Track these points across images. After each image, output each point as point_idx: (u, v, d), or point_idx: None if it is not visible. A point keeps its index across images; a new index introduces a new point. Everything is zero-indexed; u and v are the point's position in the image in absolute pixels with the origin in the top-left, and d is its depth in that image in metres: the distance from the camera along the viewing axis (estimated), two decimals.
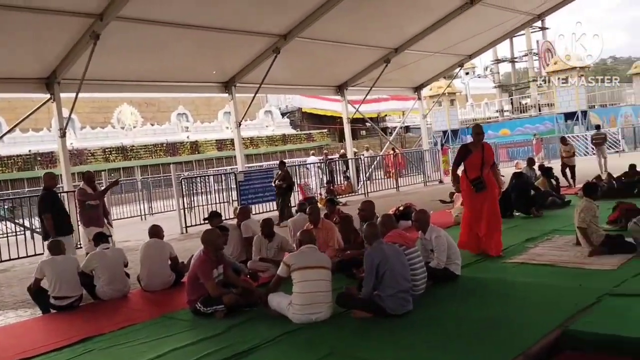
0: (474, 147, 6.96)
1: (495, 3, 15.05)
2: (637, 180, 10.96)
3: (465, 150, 7.05)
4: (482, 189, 6.82)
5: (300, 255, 5.08)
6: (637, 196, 10.16)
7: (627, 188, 10.83)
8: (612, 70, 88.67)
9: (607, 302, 4.72)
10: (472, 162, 6.88)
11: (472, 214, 6.97)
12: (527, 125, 30.51)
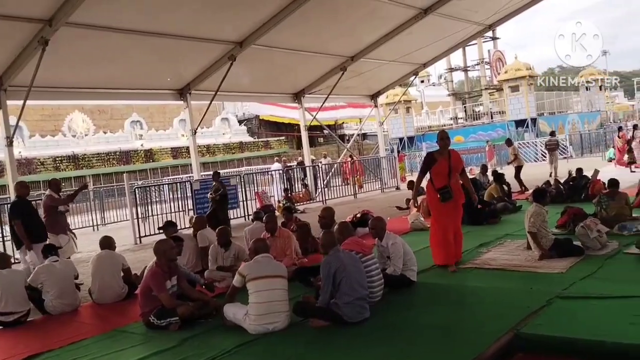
0: (439, 154, 6.68)
1: (448, 13, 15.39)
2: (584, 184, 11.37)
3: (430, 159, 6.76)
4: (449, 199, 6.52)
5: (255, 265, 5.02)
6: (584, 200, 10.54)
7: (575, 193, 11.23)
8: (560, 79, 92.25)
9: (557, 304, 4.86)
10: (438, 170, 6.61)
11: (441, 224, 6.68)
12: (480, 132, 31.29)
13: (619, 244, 6.82)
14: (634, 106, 63.89)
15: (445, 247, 6.64)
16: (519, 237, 7.85)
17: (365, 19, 14.34)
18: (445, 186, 6.52)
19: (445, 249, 6.65)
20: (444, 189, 6.52)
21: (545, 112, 32.82)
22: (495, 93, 35.54)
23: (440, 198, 6.52)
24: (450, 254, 6.63)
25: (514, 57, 32.27)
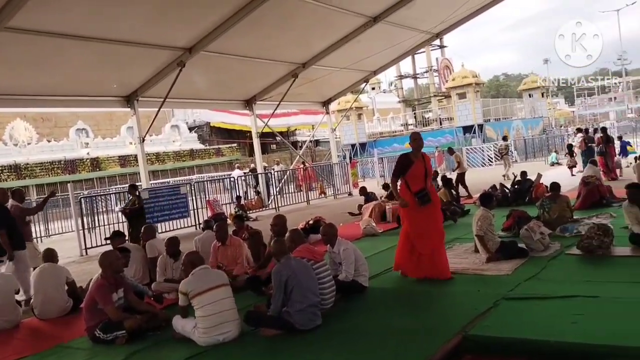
0: (414, 156, 6.34)
1: (397, 22, 15.67)
2: (528, 188, 11.76)
3: (406, 160, 6.37)
4: (428, 202, 6.22)
5: (194, 280, 4.88)
6: (528, 204, 10.91)
7: (519, 196, 11.60)
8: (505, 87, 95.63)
9: (504, 305, 4.98)
10: (414, 173, 6.27)
11: (416, 231, 6.28)
12: (430, 138, 31.84)
13: (561, 245, 7.08)
14: (574, 112, 66.82)
15: (406, 255, 6.33)
16: (467, 240, 8.03)
17: (315, 27, 14.42)
18: (422, 189, 6.22)
19: (405, 257, 6.35)
20: (421, 193, 6.21)
21: (491, 118, 33.83)
22: (443, 100, 36.36)
23: (418, 202, 6.18)
24: (411, 264, 6.28)
25: (461, 65, 33.19)
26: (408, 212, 6.33)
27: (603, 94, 76.70)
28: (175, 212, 13.65)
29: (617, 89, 69.36)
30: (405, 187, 6.30)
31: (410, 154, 6.40)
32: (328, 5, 13.17)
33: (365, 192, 13.20)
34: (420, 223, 6.25)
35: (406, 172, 6.29)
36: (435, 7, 16.10)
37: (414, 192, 6.20)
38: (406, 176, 6.29)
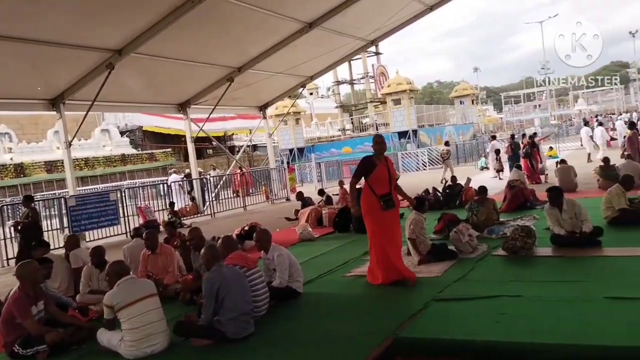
0: (377, 159, 6.20)
1: (332, 28, 15.83)
2: (458, 192, 12.15)
3: (369, 163, 6.19)
4: (392, 207, 6.12)
5: (120, 292, 4.69)
6: (459, 207, 11.27)
7: (450, 200, 11.97)
8: (438, 93, 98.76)
9: (434, 307, 5.10)
10: (378, 176, 6.10)
11: (385, 235, 6.11)
12: (367, 143, 32.29)
13: (488, 247, 7.34)
14: (503, 119, 69.87)
15: (384, 263, 6.08)
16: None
17: (251, 31, 14.32)
18: (388, 193, 6.08)
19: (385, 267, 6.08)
20: (386, 197, 6.05)
21: (425, 124, 34.75)
22: (379, 106, 37.02)
23: (383, 206, 6.00)
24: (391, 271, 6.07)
25: (396, 72, 33.92)
26: (375, 217, 6.09)
27: (529, 102, 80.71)
28: (105, 220, 13.16)
29: (541, 97, 73.18)
30: (369, 191, 6.10)
31: (373, 157, 6.25)
32: (264, 10, 13.14)
33: (302, 197, 13.21)
34: (387, 227, 6.12)
35: (369, 175, 6.11)
36: (369, 15, 16.39)
37: (379, 195, 6.03)
38: (370, 180, 6.11)
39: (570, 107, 73.50)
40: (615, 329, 4.06)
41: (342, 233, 10.11)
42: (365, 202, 6.15)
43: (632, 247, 6.51)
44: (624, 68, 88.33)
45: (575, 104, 71.96)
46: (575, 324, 4.25)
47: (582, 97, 76.54)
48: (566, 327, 4.22)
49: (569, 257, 6.50)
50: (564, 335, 4.05)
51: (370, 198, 6.08)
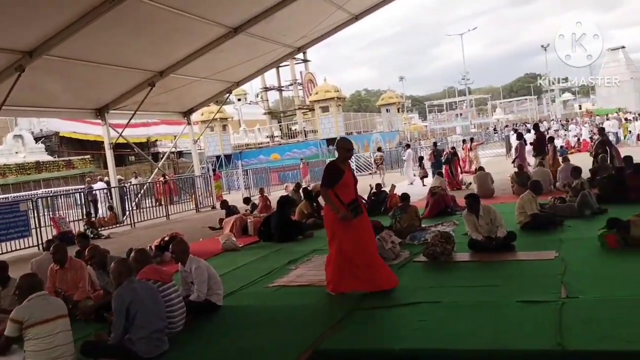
0: (343, 165, 5.92)
1: (258, 34, 15.66)
2: (383, 198, 12.31)
3: (337, 170, 5.86)
4: (361, 213, 5.84)
5: (31, 308, 4.30)
6: (384, 213, 11.41)
7: (376, 206, 12.09)
8: (366, 101, 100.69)
9: (355, 317, 5.07)
10: (346, 183, 5.81)
11: (352, 244, 5.75)
12: (295, 150, 32.41)
13: (410, 253, 7.45)
14: (427, 126, 72.18)
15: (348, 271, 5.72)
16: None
17: (173, 34, 13.89)
18: (355, 200, 5.83)
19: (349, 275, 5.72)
20: (354, 204, 5.78)
21: (353, 131, 35.22)
22: (308, 113, 37.18)
23: (352, 214, 5.69)
24: (352, 280, 5.73)
25: (324, 79, 34.25)
26: (341, 225, 5.73)
27: (451, 110, 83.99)
28: (14, 232, 12.29)
29: (462, 106, 76.36)
30: (335, 199, 5.75)
31: (338, 162, 5.94)
32: (187, 13, 12.78)
33: (227, 206, 12.93)
34: (355, 235, 5.77)
35: (336, 182, 5.76)
36: (295, 22, 16.38)
37: (346, 203, 5.71)
38: (337, 187, 5.75)
39: (489, 116, 77.06)
40: (525, 333, 4.18)
41: (268, 242, 9.95)
42: (331, 210, 5.82)
43: (542, 250, 6.79)
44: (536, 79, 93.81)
45: (494, 113, 75.59)
46: (490, 329, 4.34)
47: (499, 106, 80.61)
48: (481, 332, 4.30)
49: (485, 261, 6.70)
50: (480, 341, 4.13)
51: (339, 206, 5.73)
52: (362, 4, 17.15)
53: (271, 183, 25.45)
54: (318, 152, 30.86)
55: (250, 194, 21.48)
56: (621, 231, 6.54)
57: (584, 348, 3.79)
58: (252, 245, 9.99)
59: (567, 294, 4.98)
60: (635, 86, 69.81)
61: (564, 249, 6.77)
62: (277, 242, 9.73)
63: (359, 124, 37.26)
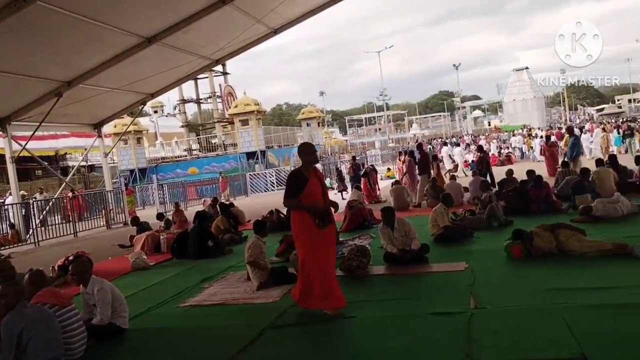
0: (307, 172, 5.48)
1: (174, 45, 15.25)
2: None
3: (300, 178, 5.41)
4: (330, 223, 5.39)
5: None
6: None
7: None
8: (287, 115, 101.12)
9: (268, 335, 4.93)
10: (311, 191, 5.33)
11: (321, 257, 5.32)
12: (214, 163, 31.80)
13: None
14: (347, 141, 73.49)
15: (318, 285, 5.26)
16: (240, 268, 7.93)
17: (82, 43, 13.22)
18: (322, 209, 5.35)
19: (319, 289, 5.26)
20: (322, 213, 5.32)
21: (274, 145, 35.10)
22: (228, 126, 36.61)
23: (319, 225, 5.23)
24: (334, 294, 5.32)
25: (244, 92, 33.90)
26: (310, 238, 5.28)
27: (370, 125, 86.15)
28: None
29: (380, 121, 78.54)
30: (302, 203, 5.30)
31: (302, 169, 5.52)
32: (97, 21, 12.20)
33: (138, 222, 12.35)
34: (324, 247, 5.35)
35: (300, 191, 5.30)
36: (213, 34, 16.14)
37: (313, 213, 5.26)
38: (302, 197, 5.30)
39: (406, 131, 79.71)
40: (436, 345, 4.23)
41: (181, 259, 9.58)
42: (298, 222, 5.39)
43: (453, 262, 6.98)
44: (450, 97, 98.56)
45: (410, 129, 78.29)
46: (402, 343, 4.35)
47: (416, 122, 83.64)
48: (393, 346, 4.30)
49: (400, 274, 6.78)
50: (391, 355, 4.11)
51: (303, 217, 5.30)
52: (281, 19, 17.19)
53: (188, 198, 24.75)
54: (238, 166, 30.47)
55: (166, 209, 20.80)
56: (525, 242, 6.86)
57: (491, 359, 3.87)
58: (164, 263, 9.58)
59: (476, 304, 5.11)
60: (538, 104, 75.09)
61: (473, 260, 7.00)
62: (192, 259, 9.40)
63: (280, 138, 37.21)
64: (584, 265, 6.11)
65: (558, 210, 10.14)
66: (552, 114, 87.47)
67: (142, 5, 12.85)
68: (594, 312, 4.53)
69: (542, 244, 6.75)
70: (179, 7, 13.52)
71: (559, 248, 6.71)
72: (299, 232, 5.45)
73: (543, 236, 6.81)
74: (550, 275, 5.87)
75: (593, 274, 5.74)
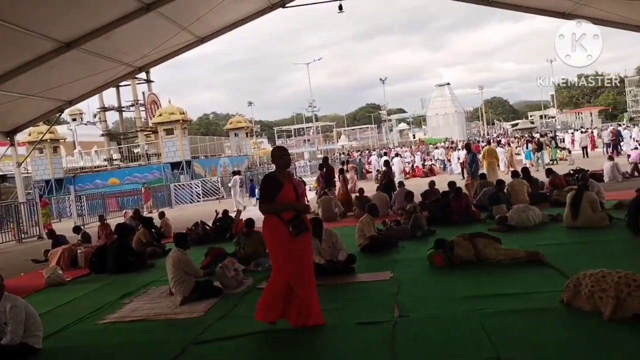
0: (281, 176, 5.17)
1: (95, 51, 14.62)
2: (228, 224, 12.08)
3: (274, 182, 5.09)
4: (305, 231, 5.03)
5: None
6: (229, 240, 11.18)
7: (221, 233, 11.82)
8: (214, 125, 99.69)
9: (191, 351, 4.80)
10: (284, 197, 5.03)
11: (293, 268, 4.97)
12: (136, 174, 30.74)
13: (254, 280, 7.34)
14: None
15: (281, 299, 5.02)
16: (163, 283, 7.69)
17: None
18: (297, 216, 5.01)
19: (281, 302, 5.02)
20: (296, 220, 4.96)
21: (200, 155, 34.44)
22: (151, 135, 35.56)
23: (292, 232, 4.87)
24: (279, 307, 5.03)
25: (168, 101, 33.08)
26: (283, 247, 4.97)
27: (299, 136, 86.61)
28: None
29: (309, 133, 79.14)
30: (273, 216, 5.01)
31: (275, 173, 5.22)
32: (8, 24, 11.49)
33: (54, 235, 11.70)
34: (296, 257, 4.98)
35: (273, 197, 5.03)
36: (137, 41, 15.63)
37: (286, 220, 4.93)
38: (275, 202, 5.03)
39: (334, 142, 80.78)
40: (361, 355, 4.28)
41: (100, 274, 9.16)
42: (270, 230, 5.06)
43: (379, 272, 7.12)
44: (377, 110, 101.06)
45: (339, 140, 79.41)
46: (328, 353, 4.37)
47: (344, 133, 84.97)
48: (321, 356, 4.31)
49: (327, 285, 6.81)
50: None
51: (276, 224, 4.97)
52: (208, 28, 16.96)
53: (109, 209, 23.75)
54: (162, 177, 29.63)
55: (85, 221, 19.86)
56: (446, 251, 7.12)
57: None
58: (81, 278, 9.12)
59: (399, 313, 5.22)
60: (459, 118, 78.54)
61: (398, 269, 7.17)
62: (112, 274, 9.01)
63: (207, 148, 36.57)
64: (500, 272, 6.42)
65: (477, 220, 10.62)
66: (472, 127, 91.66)
67: (61, 9, 12.24)
68: (509, 317, 4.76)
69: (462, 253, 7.03)
70: (100, 12, 13.00)
71: (477, 256, 7.02)
72: (271, 242, 5.15)
73: (463, 245, 7.10)
74: (470, 283, 6.11)
75: (508, 281, 6.04)
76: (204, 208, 21.52)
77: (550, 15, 16.71)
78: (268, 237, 5.18)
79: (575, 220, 8.79)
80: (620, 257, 6.61)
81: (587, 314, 4.51)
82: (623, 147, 28.34)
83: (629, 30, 16.39)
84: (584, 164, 19.90)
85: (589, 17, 16.20)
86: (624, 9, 15.08)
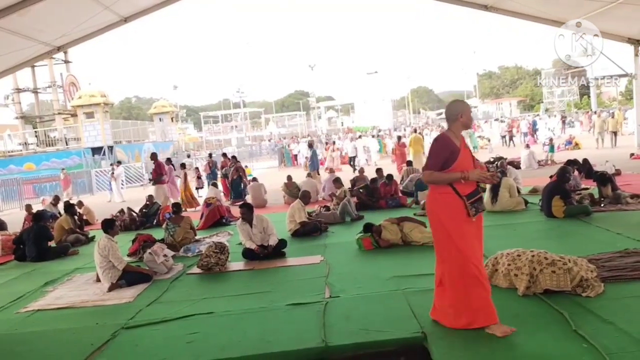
0: (457, 139, 4.18)
1: (9, 28, 13.70)
2: (155, 210, 11.85)
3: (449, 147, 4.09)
4: (482, 210, 4.25)
5: None
6: (156, 226, 11.01)
7: (148, 219, 11.60)
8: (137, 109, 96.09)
9: (122, 336, 4.74)
10: (462, 166, 4.06)
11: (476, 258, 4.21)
12: (54, 159, 29.18)
13: (184, 266, 7.30)
14: (202, 137, 72.04)
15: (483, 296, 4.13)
16: (88, 270, 7.49)
17: None
18: (476, 190, 4.16)
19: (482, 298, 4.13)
20: (475, 196, 4.12)
21: (122, 140, 33.17)
22: (70, 118, 33.82)
23: (471, 211, 4.07)
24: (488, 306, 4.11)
25: (89, 83, 31.64)
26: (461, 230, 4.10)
27: (227, 122, 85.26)
28: None
29: (237, 118, 78.19)
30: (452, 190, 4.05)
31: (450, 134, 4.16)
32: None
33: None
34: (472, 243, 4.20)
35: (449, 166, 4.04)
36: (56, 18, 14.81)
37: (465, 195, 4.05)
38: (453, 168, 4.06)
39: (262, 129, 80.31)
40: (293, 334, 4.40)
41: (20, 262, 8.75)
42: (445, 206, 4.10)
43: (309, 255, 7.28)
44: (305, 96, 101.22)
45: (267, 127, 79.03)
46: (260, 334, 4.46)
47: (272, 120, 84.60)
48: (252, 338, 4.40)
49: (259, 269, 6.90)
50: (250, 347, 4.21)
51: (453, 201, 4.05)
52: (133, 7, 16.33)
53: (24, 196, 22.46)
54: (82, 162, 28.35)
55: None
56: (374, 235, 7.39)
57: (344, 342, 4.15)
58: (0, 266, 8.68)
59: (330, 294, 5.40)
60: (386, 107, 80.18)
61: (328, 253, 7.36)
62: (33, 262, 8.63)
63: (130, 133, 35.27)
64: (425, 254, 6.73)
65: (403, 205, 11.03)
66: (398, 116, 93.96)
67: None
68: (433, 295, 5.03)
69: (389, 236, 7.32)
70: None
71: (403, 239, 7.34)
72: (447, 218, 4.10)
73: (390, 229, 7.39)
74: (396, 264, 6.39)
75: (432, 262, 6.34)
76: (128, 195, 20.87)
77: (472, 7, 17.42)
78: (442, 212, 4.12)
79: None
80: (534, 238, 7.11)
81: (504, 291, 4.87)
82: (539, 136, 30.15)
83: (547, 25, 17.36)
84: (503, 152, 21.05)
85: (509, 11, 17.12)
86: (542, 2, 15.99)
